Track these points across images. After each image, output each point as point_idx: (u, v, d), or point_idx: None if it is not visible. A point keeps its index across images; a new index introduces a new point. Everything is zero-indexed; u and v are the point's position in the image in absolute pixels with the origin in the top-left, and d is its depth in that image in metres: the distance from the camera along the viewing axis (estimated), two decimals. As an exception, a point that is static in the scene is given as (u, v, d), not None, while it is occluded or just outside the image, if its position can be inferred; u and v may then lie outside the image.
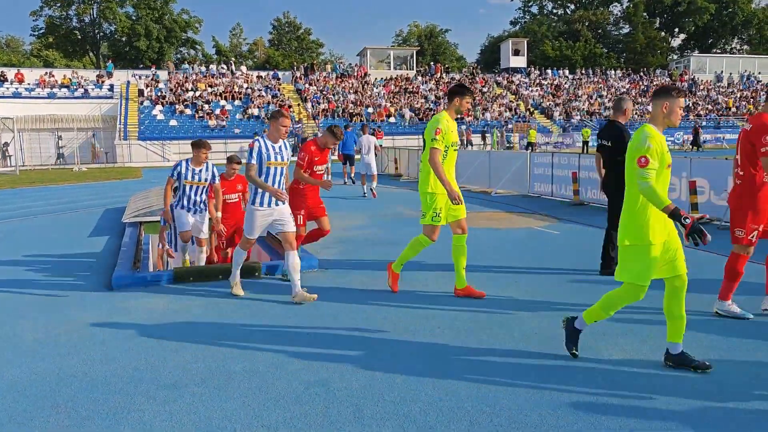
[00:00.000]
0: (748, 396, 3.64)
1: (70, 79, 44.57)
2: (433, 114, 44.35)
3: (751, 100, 56.05)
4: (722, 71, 62.17)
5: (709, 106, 53.87)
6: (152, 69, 49.21)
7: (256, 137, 6.31)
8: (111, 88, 44.71)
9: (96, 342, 4.93)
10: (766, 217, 5.00)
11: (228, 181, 8.23)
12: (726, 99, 55.64)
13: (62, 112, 41.30)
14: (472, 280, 6.66)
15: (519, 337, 4.79)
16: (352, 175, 20.23)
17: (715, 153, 33.10)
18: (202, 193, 7.51)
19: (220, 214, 7.58)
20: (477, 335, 4.85)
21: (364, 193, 15.51)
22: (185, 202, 7.44)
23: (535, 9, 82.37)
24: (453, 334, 4.89)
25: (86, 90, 43.83)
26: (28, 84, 43.25)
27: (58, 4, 64.04)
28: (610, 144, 6.73)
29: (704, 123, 48.49)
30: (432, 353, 4.47)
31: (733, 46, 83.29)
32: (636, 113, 50.50)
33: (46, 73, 45.23)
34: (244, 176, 8.06)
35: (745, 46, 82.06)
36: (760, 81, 61.40)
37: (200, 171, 7.39)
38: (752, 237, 4.99)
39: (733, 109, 53.67)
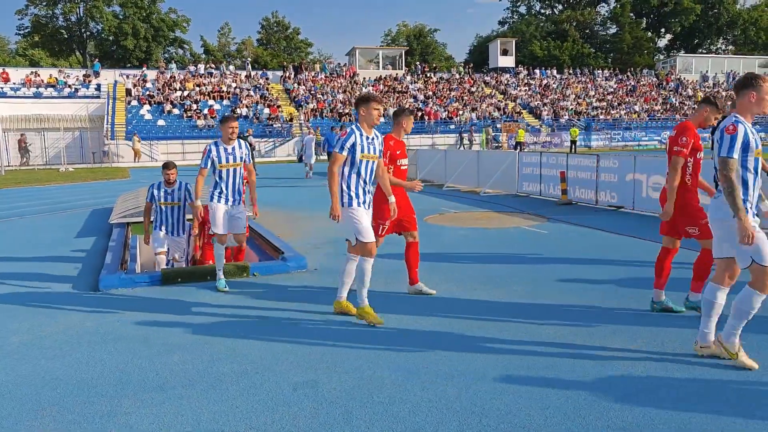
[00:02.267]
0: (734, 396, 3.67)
1: (56, 78, 44.16)
2: (419, 114, 44.41)
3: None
4: (708, 71, 62.70)
5: (695, 106, 54.26)
6: (143, 68, 48.84)
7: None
8: (98, 87, 44.33)
9: (82, 344, 4.88)
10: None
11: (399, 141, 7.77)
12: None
13: (48, 111, 40.91)
14: (464, 279, 6.68)
15: (507, 337, 4.80)
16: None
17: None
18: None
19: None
20: (466, 336, 4.85)
21: None
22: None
23: (523, 9, 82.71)
24: (442, 335, 4.89)
25: (73, 89, 43.45)
26: (14, 83, 42.77)
27: (44, 3, 63.45)
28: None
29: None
30: (421, 354, 4.47)
31: (718, 46, 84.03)
32: (624, 112, 50.81)
33: (32, 72, 44.77)
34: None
35: (731, 47, 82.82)
36: (745, 81, 61.87)
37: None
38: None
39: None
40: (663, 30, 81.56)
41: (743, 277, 4.14)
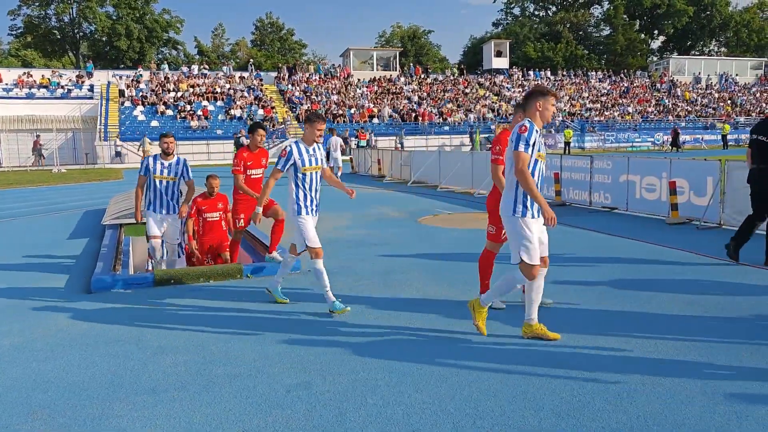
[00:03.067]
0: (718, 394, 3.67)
1: (49, 79, 43.97)
2: (415, 115, 44.42)
3: (729, 101, 56.86)
4: (701, 73, 63.02)
5: (688, 108, 54.55)
6: (139, 69, 48.67)
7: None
8: (91, 88, 44.17)
9: (74, 346, 4.85)
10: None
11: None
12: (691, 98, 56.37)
13: (41, 112, 40.72)
14: (458, 281, 6.67)
15: (502, 339, 4.79)
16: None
17: (694, 153, 33.51)
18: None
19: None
20: (460, 338, 4.84)
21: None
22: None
23: (517, 11, 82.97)
24: (436, 337, 4.88)
25: (66, 90, 43.26)
26: (6, 84, 42.58)
27: (37, 3, 63.19)
28: (766, 139, 7.07)
29: (683, 124, 49.09)
30: (415, 356, 4.45)
31: (711, 48, 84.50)
32: (617, 113, 51.00)
33: (24, 73, 44.56)
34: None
35: (723, 48, 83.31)
36: (738, 82, 62.32)
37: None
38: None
39: (710, 110, 54.38)
40: (656, 32, 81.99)
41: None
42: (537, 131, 4.54)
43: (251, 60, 57.18)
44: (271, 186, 5.81)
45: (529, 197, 4.51)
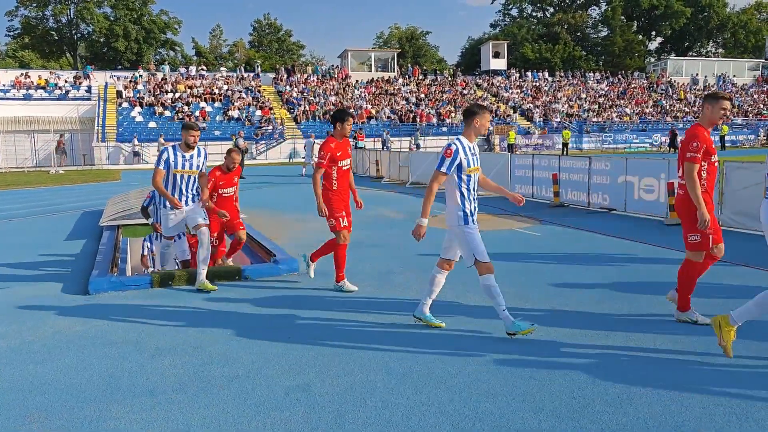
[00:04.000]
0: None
1: (46, 80, 43.90)
2: (413, 117, 44.43)
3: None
4: (698, 74, 63.12)
5: (686, 109, 54.63)
6: (139, 70, 48.61)
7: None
8: (89, 89, 44.10)
9: (71, 348, 4.82)
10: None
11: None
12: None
13: (39, 113, 40.64)
14: (456, 282, 6.66)
15: (500, 340, 4.78)
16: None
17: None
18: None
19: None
20: (458, 339, 4.83)
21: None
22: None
23: (515, 12, 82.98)
24: (434, 338, 4.87)
25: (63, 91, 43.19)
26: (3, 85, 42.49)
27: (35, 4, 63.03)
28: None
29: (681, 125, 49.17)
30: (414, 357, 4.44)
31: (708, 49, 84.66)
32: (615, 114, 51.05)
33: (22, 74, 44.49)
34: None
35: (720, 50, 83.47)
36: (735, 83, 62.44)
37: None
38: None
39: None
40: (654, 33, 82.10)
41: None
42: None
43: (258, 62, 57.01)
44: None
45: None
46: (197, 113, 41.51)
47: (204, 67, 52.65)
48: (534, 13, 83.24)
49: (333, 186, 6.40)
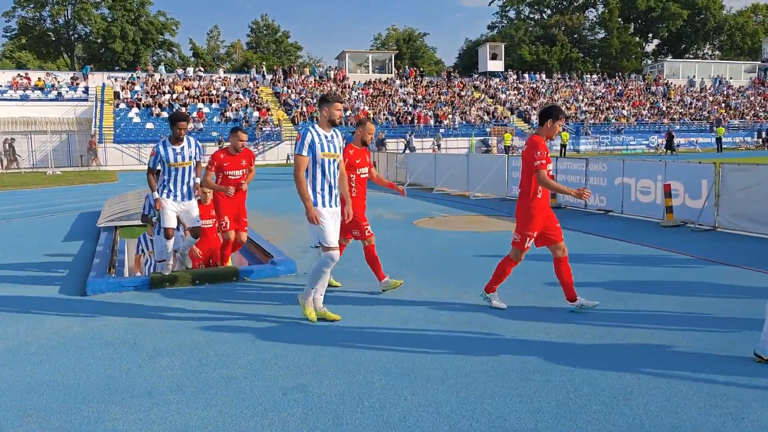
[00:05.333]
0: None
1: (43, 81, 43.84)
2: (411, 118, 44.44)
3: (723, 104, 57.11)
4: (695, 76, 63.27)
5: (682, 111, 54.76)
6: (137, 70, 48.54)
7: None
8: (86, 90, 44.04)
9: (69, 349, 4.82)
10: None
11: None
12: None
13: (36, 114, 40.57)
14: (454, 283, 6.68)
15: (498, 340, 4.80)
16: None
17: (688, 156, 33.63)
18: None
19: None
20: (456, 340, 4.85)
21: None
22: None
23: (512, 14, 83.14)
24: (432, 339, 4.88)
25: (60, 92, 43.13)
26: (0, 86, 42.42)
27: (32, 5, 62.94)
28: None
29: (677, 127, 49.29)
30: (411, 358, 4.45)
31: (705, 51, 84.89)
32: (612, 116, 51.16)
33: (18, 75, 44.41)
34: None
35: (717, 52, 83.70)
36: (731, 86, 62.61)
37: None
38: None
39: (705, 113, 54.62)
40: (650, 35, 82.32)
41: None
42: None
43: (263, 65, 56.91)
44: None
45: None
46: (194, 114, 41.48)
47: (201, 69, 52.62)
48: (531, 15, 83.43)
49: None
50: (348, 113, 44.96)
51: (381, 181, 6.89)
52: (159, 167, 6.80)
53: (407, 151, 33.66)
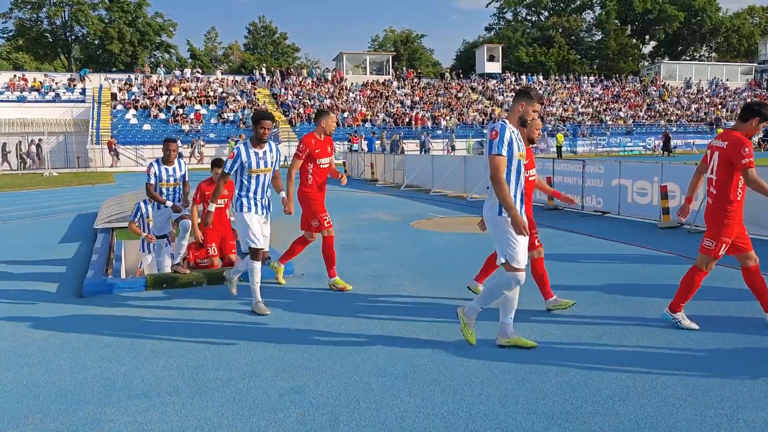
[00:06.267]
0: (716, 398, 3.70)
1: (41, 82, 43.77)
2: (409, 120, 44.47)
3: (719, 106, 57.25)
4: (692, 78, 63.44)
5: (679, 112, 54.89)
6: (136, 73, 48.50)
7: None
8: (83, 91, 44.03)
9: (65, 351, 4.82)
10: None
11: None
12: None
13: (33, 116, 40.52)
14: (450, 284, 6.69)
15: (494, 343, 4.80)
16: None
17: (685, 158, 33.71)
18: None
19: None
20: (452, 342, 4.85)
21: None
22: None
23: (509, 15, 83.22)
24: (428, 341, 4.89)
25: (57, 93, 43.07)
26: (-3, 87, 42.41)
27: (29, 6, 62.83)
28: None
29: (674, 129, 49.40)
30: (407, 359, 4.46)
31: (701, 53, 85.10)
32: (609, 118, 51.25)
33: (15, 76, 44.33)
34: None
35: (713, 54, 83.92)
36: (728, 88, 62.78)
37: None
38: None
39: (701, 115, 54.75)
40: (647, 37, 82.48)
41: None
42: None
43: (258, 66, 56.85)
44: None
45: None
46: (192, 116, 41.46)
47: (199, 70, 52.60)
48: (529, 17, 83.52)
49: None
50: (346, 114, 44.99)
51: (545, 188, 6.58)
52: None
53: (423, 152, 34.45)
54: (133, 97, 43.38)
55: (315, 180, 6.62)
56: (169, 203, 7.30)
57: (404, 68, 61.76)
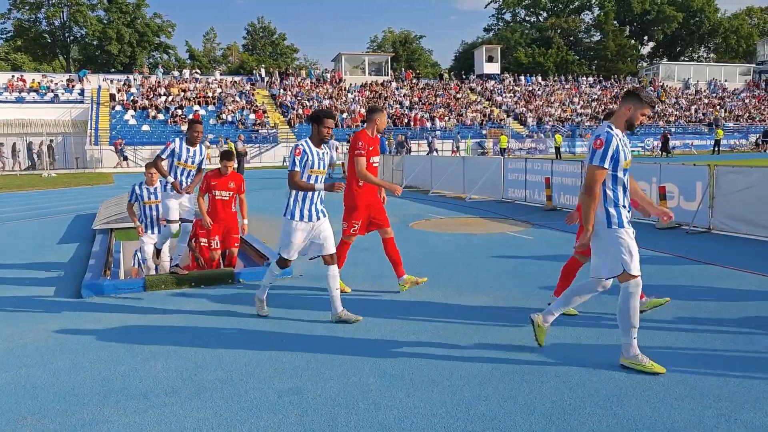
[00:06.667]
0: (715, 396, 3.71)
1: (39, 83, 43.74)
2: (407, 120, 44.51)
3: (718, 107, 57.32)
4: (690, 78, 63.51)
5: (677, 113, 54.94)
6: (134, 73, 48.45)
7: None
8: (81, 92, 43.98)
9: (64, 351, 4.82)
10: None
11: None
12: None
13: (31, 116, 40.49)
14: (449, 285, 6.70)
15: (492, 342, 4.81)
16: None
17: (684, 159, 33.73)
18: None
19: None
20: (451, 342, 4.86)
21: None
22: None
23: (508, 16, 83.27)
24: (427, 341, 4.89)
25: (56, 94, 43.04)
26: (-5, 88, 42.37)
27: (27, 7, 62.78)
28: None
29: (673, 129, 49.44)
30: (406, 360, 4.46)
31: (700, 54, 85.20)
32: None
33: (13, 76, 44.29)
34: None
35: (712, 55, 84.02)
36: (726, 88, 62.85)
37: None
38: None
39: (700, 116, 54.81)
40: (646, 38, 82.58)
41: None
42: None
43: (257, 67, 56.77)
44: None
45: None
46: (190, 116, 41.42)
47: (198, 71, 52.57)
48: (527, 18, 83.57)
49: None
50: (344, 115, 44.99)
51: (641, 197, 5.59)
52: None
53: (432, 154, 34.81)
54: (132, 97, 43.35)
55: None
56: (171, 178, 6.86)
57: (403, 69, 61.77)
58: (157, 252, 7.59)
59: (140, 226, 7.70)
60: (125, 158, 36.60)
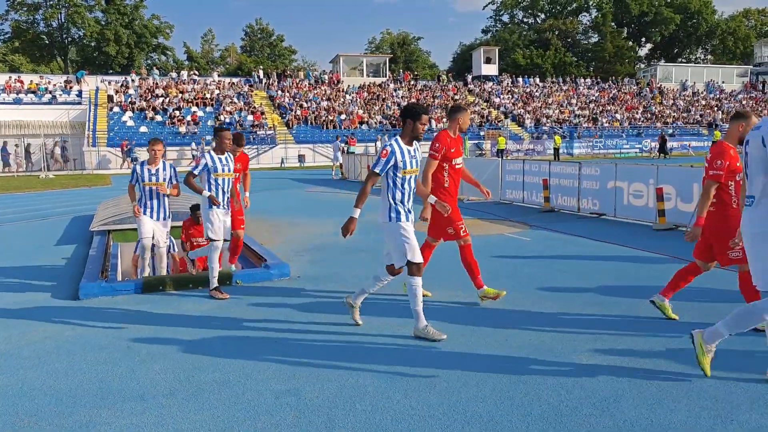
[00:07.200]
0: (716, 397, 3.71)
1: (37, 84, 43.69)
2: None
3: (715, 108, 57.41)
4: (687, 80, 63.62)
5: (675, 114, 55.03)
6: (132, 75, 48.42)
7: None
8: (79, 93, 43.91)
9: (61, 353, 4.82)
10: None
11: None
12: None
13: (29, 118, 40.44)
14: (446, 286, 6.71)
15: (489, 344, 4.81)
16: None
17: (681, 160, 33.77)
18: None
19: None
20: (448, 344, 4.86)
21: None
22: None
23: (506, 18, 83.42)
24: (424, 343, 4.90)
25: (54, 96, 42.99)
26: (-7, 89, 42.29)
27: (25, 9, 62.72)
28: None
29: (670, 131, 49.52)
30: (403, 361, 4.47)
31: (697, 55, 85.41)
32: (605, 121, 51.36)
33: (11, 78, 44.23)
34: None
35: (709, 56, 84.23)
36: (724, 90, 62.98)
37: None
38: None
39: (697, 117, 54.91)
40: (643, 39, 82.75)
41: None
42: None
43: (255, 68, 56.72)
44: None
45: None
46: (188, 118, 41.41)
47: (196, 72, 52.55)
48: (525, 19, 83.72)
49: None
50: (342, 117, 45.00)
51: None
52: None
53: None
54: (130, 99, 43.31)
55: (451, 182, 6.07)
56: (206, 192, 6.61)
57: (401, 70, 61.78)
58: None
59: (134, 204, 7.39)
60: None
